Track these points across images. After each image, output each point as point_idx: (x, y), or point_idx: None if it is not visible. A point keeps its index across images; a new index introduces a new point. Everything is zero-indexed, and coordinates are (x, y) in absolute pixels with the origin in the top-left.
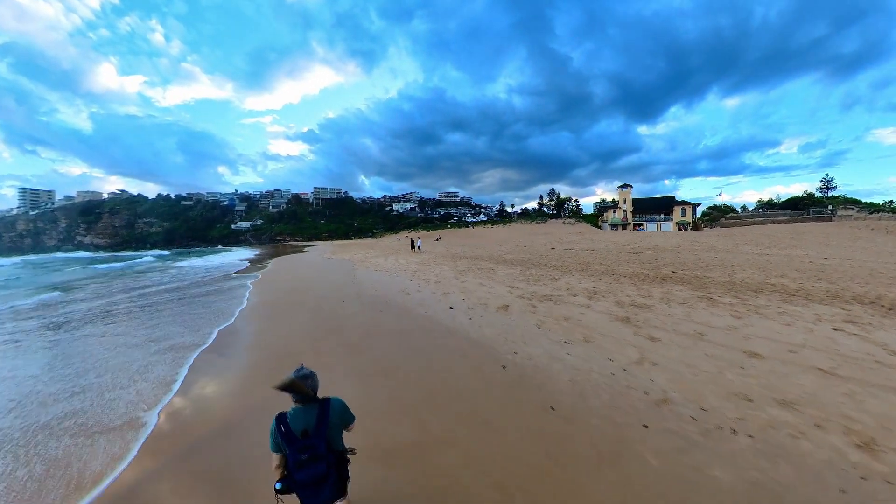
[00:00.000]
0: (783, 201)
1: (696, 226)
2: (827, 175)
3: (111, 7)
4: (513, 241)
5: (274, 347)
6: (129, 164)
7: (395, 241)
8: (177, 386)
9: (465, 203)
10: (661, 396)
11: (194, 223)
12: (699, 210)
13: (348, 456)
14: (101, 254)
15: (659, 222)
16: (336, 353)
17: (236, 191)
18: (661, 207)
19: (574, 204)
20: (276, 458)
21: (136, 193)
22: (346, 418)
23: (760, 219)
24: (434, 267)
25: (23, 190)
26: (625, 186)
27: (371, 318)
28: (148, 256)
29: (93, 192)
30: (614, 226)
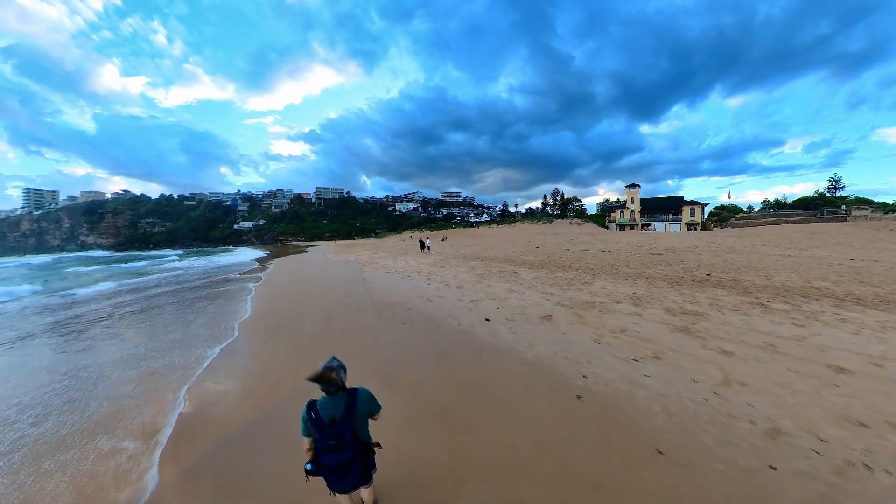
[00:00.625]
0: (793, 201)
1: (705, 226)
2: (835, 175)
3: (114, 8)
4: (522, 241)
5: (280, 377)
6: (133, 164)
7: (400, 241)
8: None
9: (467, 203)
10: (771, 426)
11: (197, 223)
12: (706, 210)
13: (374, 448)
14: (114, 253)
15: (667, 222)
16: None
17: (238, 191)
18: (669, 207)
19: (577, 204)
20: (306, 442)
21: (139, 194)
22: (374, 408)
23: (772, 219)
24: (449, 269)
25: (27, 190)
26: (633, 186)
27: (396, 334)
28: (173, 255)
29: (96, 192)
30: (622, 226)
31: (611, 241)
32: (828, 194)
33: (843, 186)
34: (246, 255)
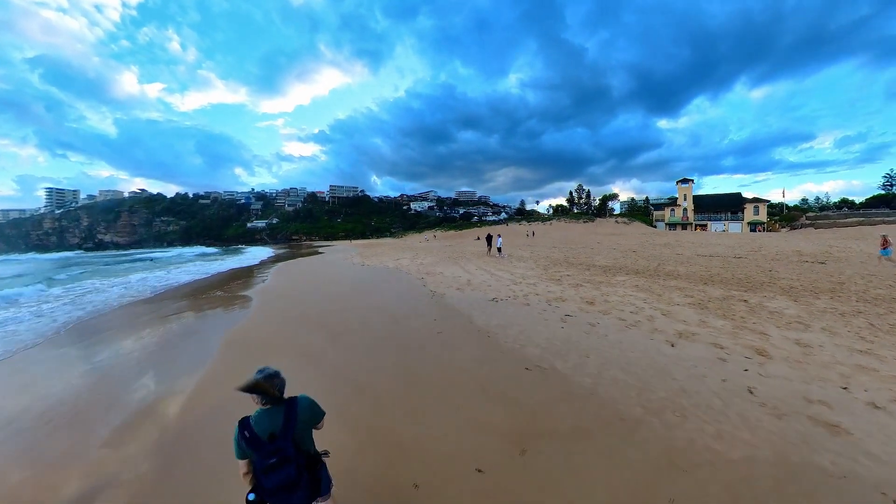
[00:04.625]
0: (868, 199)
1: (769, 226)
2: (892, 171)
3: (130, 18)
4: (588, 242)
5: None
6: (152, 166)
7: (424, 241)
8: None
9: (483, 202)
10: None
11: (210, 222)
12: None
13: (323, 458)
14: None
15: (726, 222)
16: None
17: (252, 189)
18: (725, 205)
19: (596, 202)
20: (243, 465)
21: (155, 193)
22: (316, 415)
23: (861, 219)
24: (596, 290)
25: (49, 190)
26: (685, 181)
27: None
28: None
29: (114, 191)
30: (672, 225)
31: (701, 244)
32: (882, 191)
33: None
34: (255, 254)
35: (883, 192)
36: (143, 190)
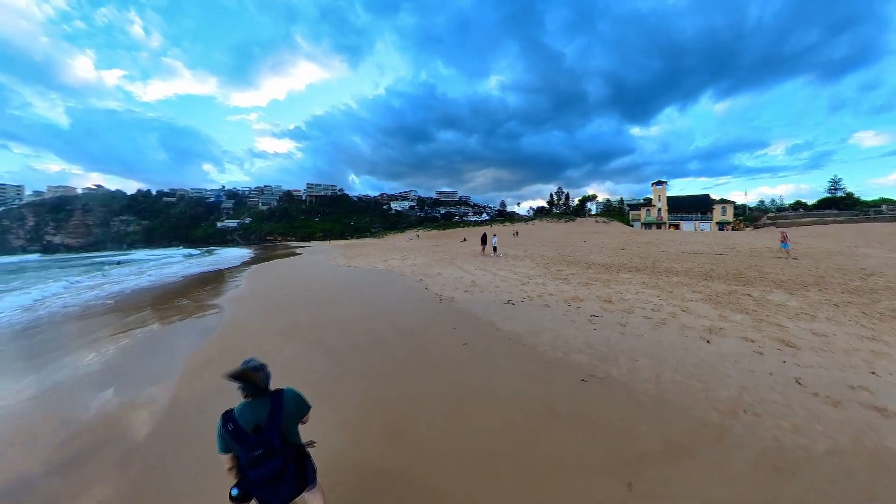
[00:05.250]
0: (818, 201)
1: (734, 226)
2: (836, 176)
3: None
4: (571, 241)
5: None
6: (110, 160)
7: (408, 241)
8: None
9: (463, 202)
10: None
11: (176, 221)
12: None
13: (308, 449)
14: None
15: (696, 221)
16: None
17: (223, 187)
18: (696, 206)
19: (576, 203)
20: (226, 460)
21: (114, 190)
22: (302, 409)
23: (815, 219)
24: (620, 286)
25: None
26: (659, 183)
27: None
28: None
29: (66, 187)
30: (648, 225)
31: (682, 242)
32: (828, 194)
33: (844, 188)
34: (231, 254)
35: (829, 195)
36: (99, 186)
